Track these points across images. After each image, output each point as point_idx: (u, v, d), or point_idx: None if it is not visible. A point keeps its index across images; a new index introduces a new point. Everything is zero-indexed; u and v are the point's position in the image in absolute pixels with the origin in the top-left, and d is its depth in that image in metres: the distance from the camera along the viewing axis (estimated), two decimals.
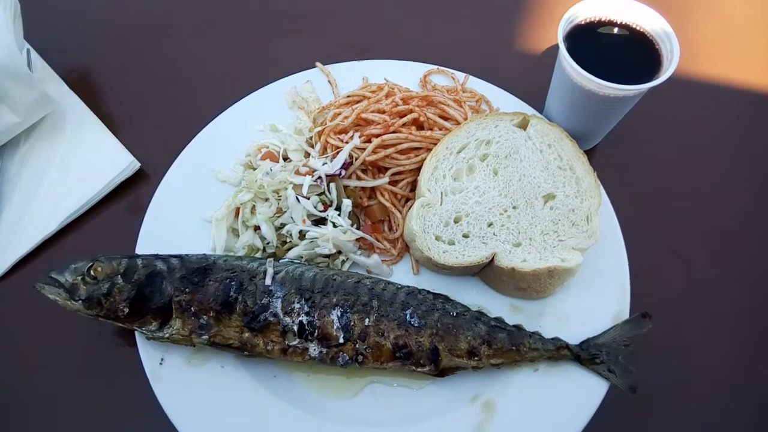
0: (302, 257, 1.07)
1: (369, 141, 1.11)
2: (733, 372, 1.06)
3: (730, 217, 1.21)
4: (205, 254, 1.03)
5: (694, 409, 1.04)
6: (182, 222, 1.10)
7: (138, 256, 1.00)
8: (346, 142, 1.12)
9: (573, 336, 1.00)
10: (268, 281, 0.97)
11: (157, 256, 1.00)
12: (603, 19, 1.08)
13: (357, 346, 0.94)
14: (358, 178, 1.13)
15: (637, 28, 1.07)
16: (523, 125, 1.11)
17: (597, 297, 1.04)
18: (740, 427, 1.03)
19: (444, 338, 0.96)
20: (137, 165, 1.20)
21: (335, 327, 0.94)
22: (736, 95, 1.34)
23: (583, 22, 1.08)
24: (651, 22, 1.06)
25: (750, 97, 1.34)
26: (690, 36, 1.37)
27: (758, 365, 1.07)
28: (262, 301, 0.95)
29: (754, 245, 1.18)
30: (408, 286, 1.02)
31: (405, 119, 1.13)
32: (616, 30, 1.08)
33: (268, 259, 1.01)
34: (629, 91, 1.00)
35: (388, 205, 1.13)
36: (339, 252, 1.08)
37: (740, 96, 1.34)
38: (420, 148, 1.13)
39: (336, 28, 1.41)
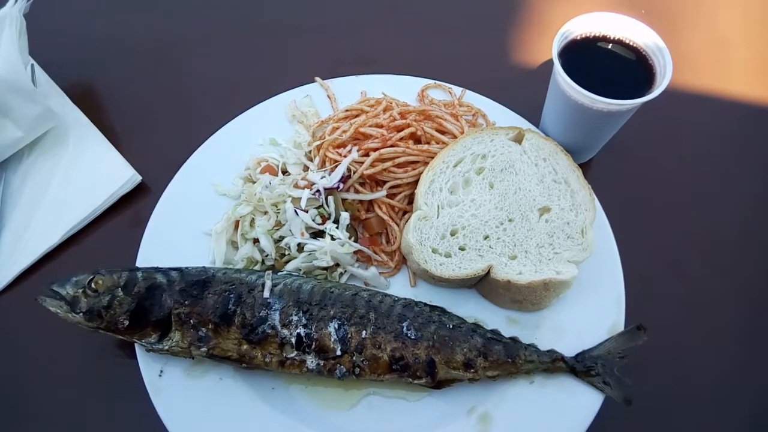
0: (300, 270, 1.08)
1: (367, 155, 1.13)
2: (729, 383, 1.07)
3: (724, 228, 1.21)
4: (204, 267, 1.04)
5: (689, 422, 1.04)
6: (182, 235, 1.11)
7: (138, 269, 1.01)
8: (345, 156, 1.13)
9: (568, 348, 1.00)
10: (266, 294, 0.98)
11: (157, 269, 1.01)
12: (597, 35, 1.10)
13: (354, 358, 0.95)
14: (356, 192, 1.14)
15: (631, 44, 1.09)
16: (519, 139, 1.12)
17: (592, 309, 1.05)
18: None
19: (440, 350, 0.96)
20: (138, 178, 1.21)
21: (332, 339, 0.95)
22: (728, 107, 1.35)
23: (577, 38, 1.10)
24: (644, 38, 1.07)
25: (742, 108, 1.35)
26: (682, 50, 1.39)
27: (755, 376, 1.07)
28: (261, 314, 0.96)
29: (750, 256, 1.18)
30: (405, 299, 1.03)
31: (402, 133, 1.14)
32: (609, 45, 1.10)
33: (267, 272, 1.01)
34: (623, 105, 1.01)
35: (385, 218, 1.14)
36: (337, 264, 1.09)
37: (733, 108, 1.35)
38: (417, 162, 1.14)
39: (335, 43, 1.43)
